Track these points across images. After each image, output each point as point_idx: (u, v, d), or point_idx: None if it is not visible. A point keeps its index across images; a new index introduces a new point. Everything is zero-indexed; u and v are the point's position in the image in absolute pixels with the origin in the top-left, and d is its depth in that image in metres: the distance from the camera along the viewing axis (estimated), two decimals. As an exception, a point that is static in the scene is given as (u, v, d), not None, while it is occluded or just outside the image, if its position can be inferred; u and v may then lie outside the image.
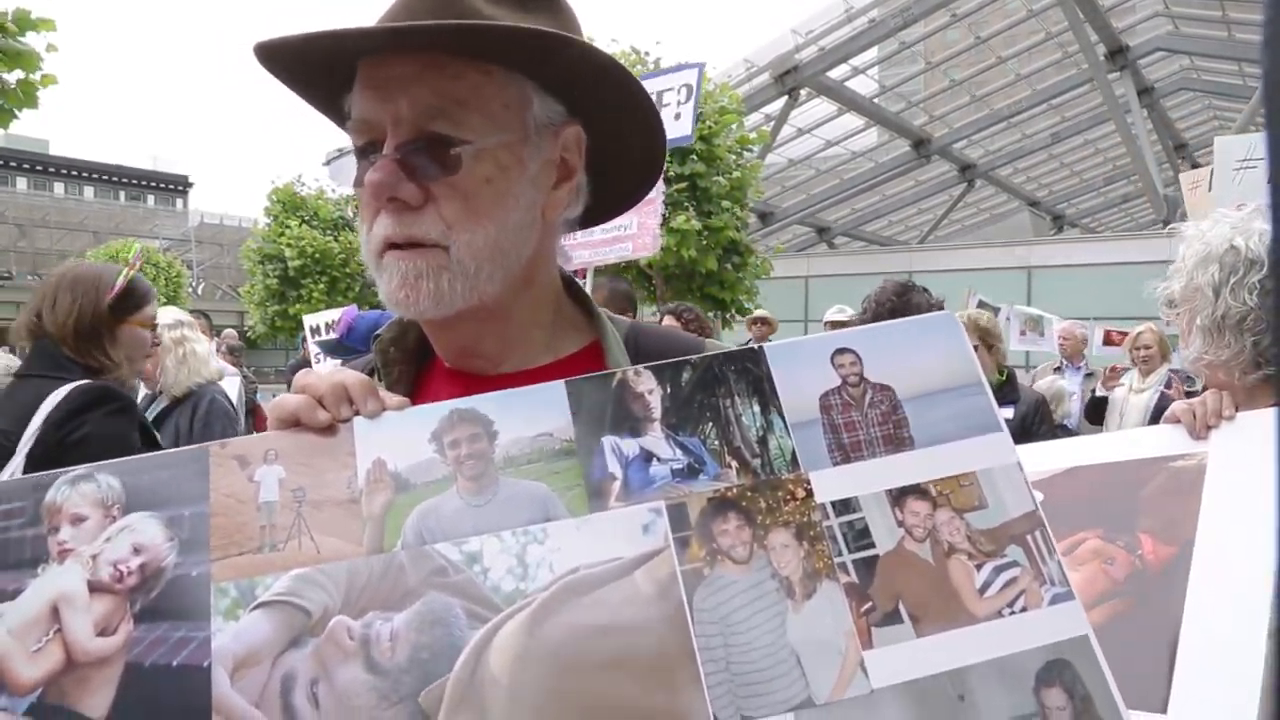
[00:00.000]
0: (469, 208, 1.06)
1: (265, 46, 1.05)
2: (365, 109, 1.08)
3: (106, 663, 0.86)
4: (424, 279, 1.06)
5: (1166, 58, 25.81)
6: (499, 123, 1.08)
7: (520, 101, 1.10)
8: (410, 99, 1.05)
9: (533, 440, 0.95)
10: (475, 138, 1.06)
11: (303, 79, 1.14)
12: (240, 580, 0.89)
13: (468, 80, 1.06)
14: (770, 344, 1.02)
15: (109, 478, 0.93)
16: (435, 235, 1.06)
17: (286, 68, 1.11)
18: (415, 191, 1.06)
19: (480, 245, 1.07)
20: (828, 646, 0.88)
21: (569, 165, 1.17)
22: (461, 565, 0.89)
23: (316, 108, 1.19)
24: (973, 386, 1.00)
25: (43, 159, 54.99)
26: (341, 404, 0.98)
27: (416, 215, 1.06)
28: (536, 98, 1.11)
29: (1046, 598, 0.92)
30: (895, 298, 3.81)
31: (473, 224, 1.06)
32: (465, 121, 1.06)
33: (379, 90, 1.06)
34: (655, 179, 1.29)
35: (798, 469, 0.95)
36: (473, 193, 1.06)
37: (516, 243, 1.11)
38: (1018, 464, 0.98)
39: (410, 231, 1.06)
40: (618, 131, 1.19)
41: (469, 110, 1.06)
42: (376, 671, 0.85)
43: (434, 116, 1.05)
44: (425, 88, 1.04)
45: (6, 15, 8.32)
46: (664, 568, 0.89)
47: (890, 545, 0.93)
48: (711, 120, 15.91)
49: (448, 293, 1.06)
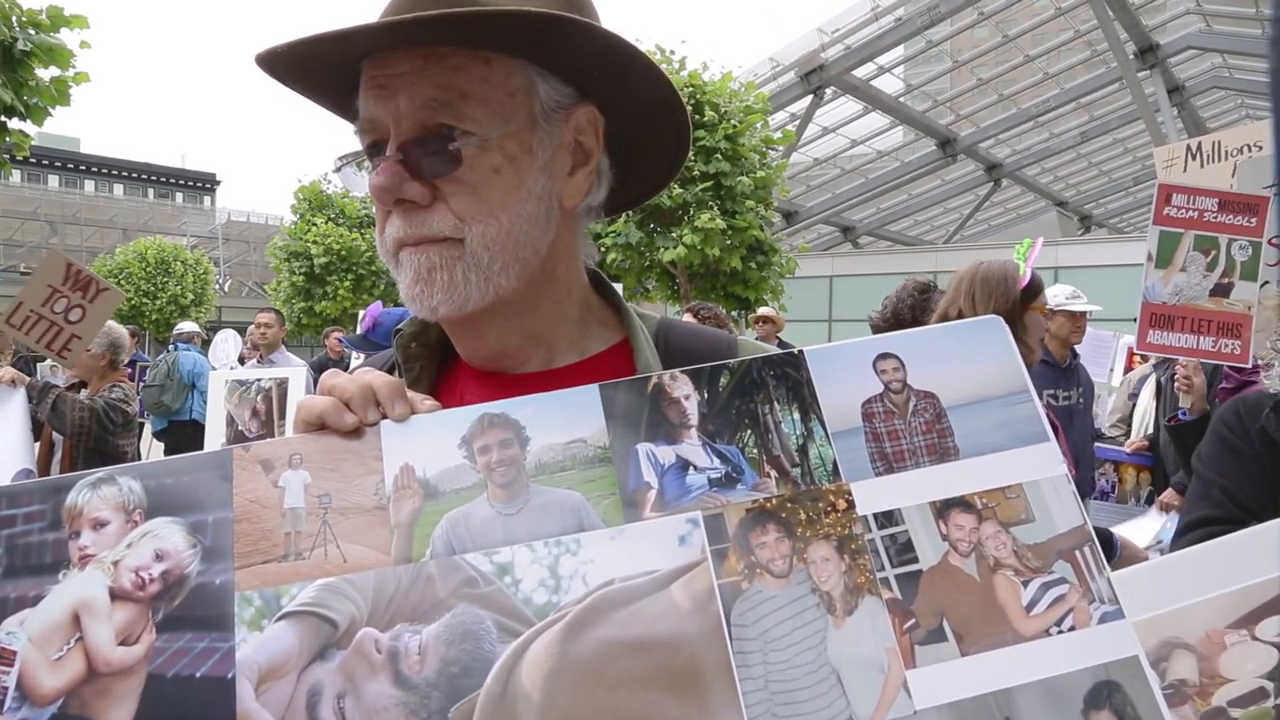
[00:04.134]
0: (479, 200, 1.04)
1: (264, 57, 1.03)
2: (369, 109, 1.06)
3: (128, 673, 0.83)
4: (438, 270, 1.04)
5: (1198, 56, 25.53)
6: (503, 112, 1.05)
7: (525, 88, 1.07)
8: (410, 94, 1.02)
9: (566, 446, 0.92)
10: (479, 129, 1.03)
11: (310, 84, 1.11)
12: (265, 589, 0.86)
13: (470, 71, 1.03)
14: (811, 348, 0.98)
15: (130, 481, 0.90)
16: (448, 229, 1.04)
17: (291, 75, 1.08)
18: (422, 190, 1.03)
19: (495, 236, 1.04)
20: (870, 665, 0.85)
21: (585, 149, 1.13)
22: (492, 576, 0.86)
23: (333, 111, 1.16)
24: (1020, 394, 0.96)
25: (74, 157, 55.70)
26: (369, 407, 0.95)
27: (426, 213, 1.04)
28: (541, 82, 1.07)
29: (1095, 616, 0.88)
30: (916, 295, 3.76)
31: (485, 216, 1.04)
32: (468, 113, 1.03)
33: (381, 89, 1.04)
34: (683, 157, 1.25)
35: (839, 479, 0.92)
36: (482, 185, 1.04)
37: (533, 234, 1.08)
38: (1066, 476, 0.94)
39: (421, 231, 1.04)
40: (634, 111, 1.15)
41: (471, 102, 1.03)
42: (405, 686, 0.82)
43: (436, 110, 1.02)
44: (426, 81, 1.02)
45: (40, 12, 8.43)
46: (701, 581, 0.86)
47: (934, 560, 0.89)
48: (737, 119, 15.88)
49: (462, 285, 1.04)
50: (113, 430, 5.57)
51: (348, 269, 24.39)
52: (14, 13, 8.28)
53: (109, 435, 5.55)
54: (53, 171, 53.66)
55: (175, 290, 30.69)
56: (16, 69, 8.35)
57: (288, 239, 25.13)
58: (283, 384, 6.49)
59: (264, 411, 6.41)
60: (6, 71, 8.30)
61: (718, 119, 15.51)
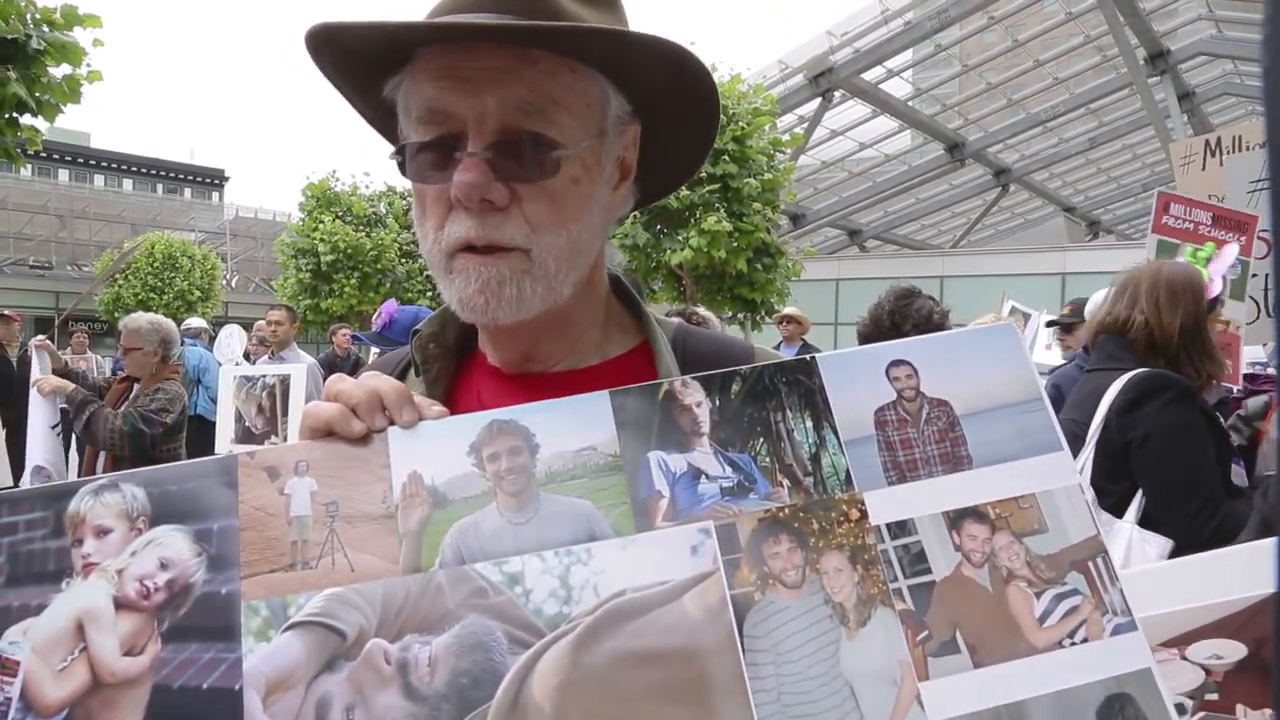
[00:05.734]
0: (555, 210, 1.03)
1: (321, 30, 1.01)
2: (441, 100, 1.02)
3: (134, 684, 0.82)
4: (507, 284, 1.02)
5: (1209, 62, 25.46)
6: (585, 123, 1.05)
7: (601, 100, 1.07)
8: (501, 94, 1.00)
9: (576, 454, 0.91)
10: (566, 139, 1.02)
11: (344, 64, 1.08)
12: (271, 599, 0.85)
13: (560, 78, 1.02)
14: (823, 355, 0.97)
15: (134, 488, 0.89)
16: (519, 239, 1.02)
17: (333, 51, 1.05)
18: (504, 193, 1.01)
19: (561, 247, 1.04)
20: (883, 677, 0.83)
21: (627, 164, 1.14)
22: (502, 586, 0.85)
23: (344, 93, 1.13)
24: (1033, 402, 0.95)
25: (84, 151, 55.76)
26: (376, 413, 0.94)
27: (502, 217, 1.02)
28: (614, 95, 1.08)
29: (1108, 628, 0.87)
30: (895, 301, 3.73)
31: (557, 227, 1.03)
32: (557, 120, 1.02)
33: (464, 82, 1.00)
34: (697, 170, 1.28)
35: (852, 489, 0.90)
36: (560, 195, 1.03)
37: (592, 244, 1.09)
38: (1079, 486, 0.93)
39: (494, 235, 1.02)
40: (674, 127, 1.16)
41: (561, 109, 1.02)
42: (414, 698, 0.81)
43: (528, 114, 1.00)
44: (520, 83, 1.00)
45: (54, 11, 8.49)
46: (713, 592, 0.85)
47: (947, 570, 0.88)
48: (744, 121, 15.87)
49: (529, 297, 1.03)
50: (151, 442, 5.35)
51: (354, 267, 24.45)
52: (28, 10, 8.34)
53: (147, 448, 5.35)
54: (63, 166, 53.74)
55: (182, 285, 30.80)
56: (29, 66, 8.41)
57: (295, 236, 25.20)
58: (285, 380, 6.52)
59: (268, 408, 6.45)
60: (20, 68, 8.35)
61: (726, 121, 15.51)
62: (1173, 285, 3.01)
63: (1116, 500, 2.77)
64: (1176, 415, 2.74)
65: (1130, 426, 2.76)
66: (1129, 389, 2.82)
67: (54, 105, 8.77)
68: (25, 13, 8.31)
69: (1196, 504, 2.67)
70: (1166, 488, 2.72)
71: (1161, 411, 2.75)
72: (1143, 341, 2.97)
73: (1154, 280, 3.04)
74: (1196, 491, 2.68)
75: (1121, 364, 2.95)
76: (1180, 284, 3.02)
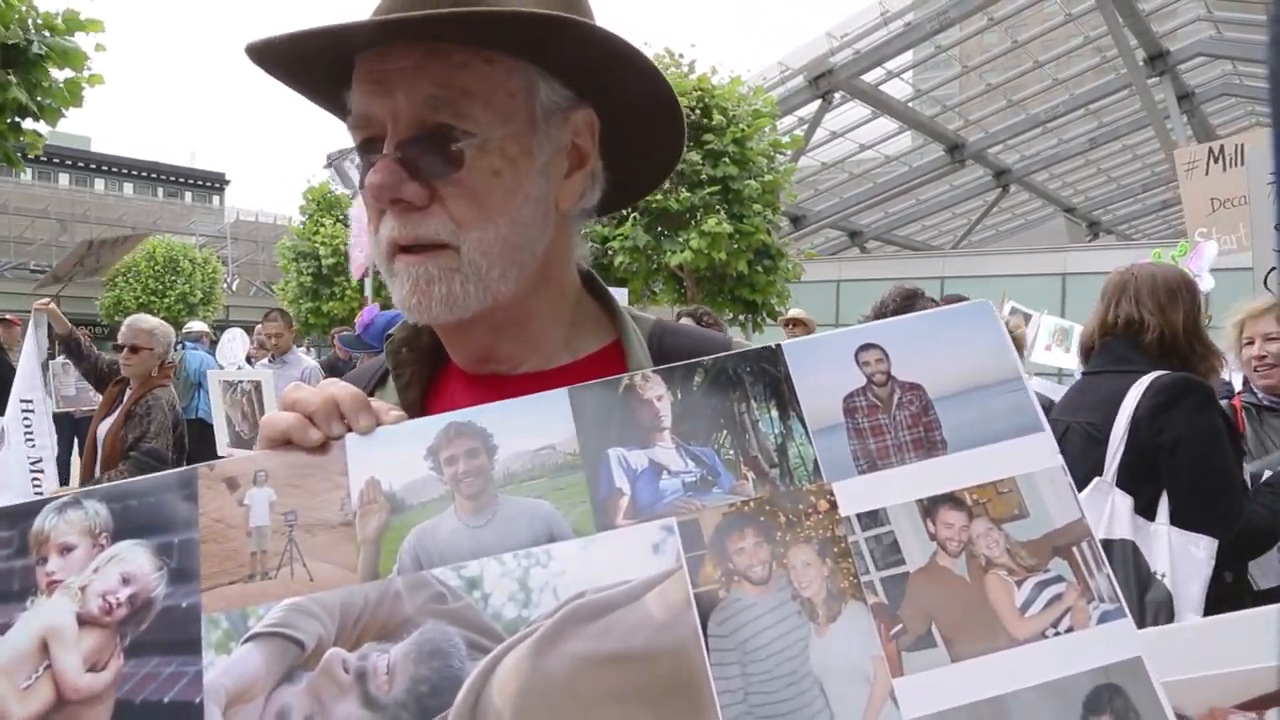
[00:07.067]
0: (478, 204, 1.02)
1: (255, 48, 1.00)
2: (364, 104, 1.03)
3: (97, 699, 0.82)
4: (435, 283, 1.02)
5: (1208, 63, 25.44)
6: (504, 113, 1.03)
7: (526, 88, 1.05)
8: (409, 91, 1.00)
9: (534, 454, 0.89)
10: (480, 130, 1.01)
11: (301, 79, 1.09)
12: (231, 611, 0.84)
13: (472, 69, 1.01)
14: (789, 342, 0.94)
15: (96, 504, 0.88)
16: (444, 235, 1.01)
17: (283, 69, 1.06)
18: (419, 191, 1.01)
19: (491, 242, 1.02)
20: (855, 674, 0.81)
21: (581, 151, 1.12)
22: (461, 591, 0.84)
23: (323, 107, 1.14)
24: (1011, 382, 0.92)
25: (84, 155, 55.77)
26: (333, 420, 0.93)
27: (423, 215, 1.02)
28: (543, 83, 1.06)
29: (1095, 616, 0.84)
30: (899, 301, 3.74)
31: (483, 221, 1.02)
32: (469, 113, 1.00)
33: (378, 84, 1.01)
34: (675, 160, 1.24)
35: (820, 479, 0.88)
36: (481, 188, 1.02)
37: (530, 238, 1.06)
38: (1062, 467, 0.89)
39: (417, 232, 1.02)
40: (631, 114, 1.13)
41: (473, 101, 1.01)
42: (374, 707, 0.80)
43: (436, 108, 1.00)
44: (426, 78, 0.99)
45: (56, 16, 8.52)
46: (676, 590, 0.83)
47: (922, 561, 0.85)
48: (745, 123, 15.87)
49: (460, 295, 1.02)
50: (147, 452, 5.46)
51: (354, 270, 24.43)
52: (30, 16, 8.37)
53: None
54: (63, 170, 53.77)
55: (184, 289, 30.86)
56: (31, 70, 8.44)
57: (296, 239, 25.24)
58: (257, 385, 6.54)
59: (251, 413, 6.48)
60: (21, 73, 8.38)
61: (726, 123, 15.52)
62: (1169, 284, 3.04)
63: (1147, 502, 2.79)
64: (1205, 419, 2.77)
65: (1160, 430, 2.78)
66: (1157, 392, 2.82)
67: (55, 109, 8.80)
68: (27, 18, 8.35)
69: (1224, 505, 2.72)
70: (1197, 490, 2.75)
71: (1191, 416, 2.77)
72: (1155, 343, 2.99)
73: (1152, 282, 3.06)
74: (1225, 493, 2.73)
75: (1135, 366, 2.96)
76: (1175, 283, 3.05)
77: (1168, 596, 2.64)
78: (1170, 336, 2.97)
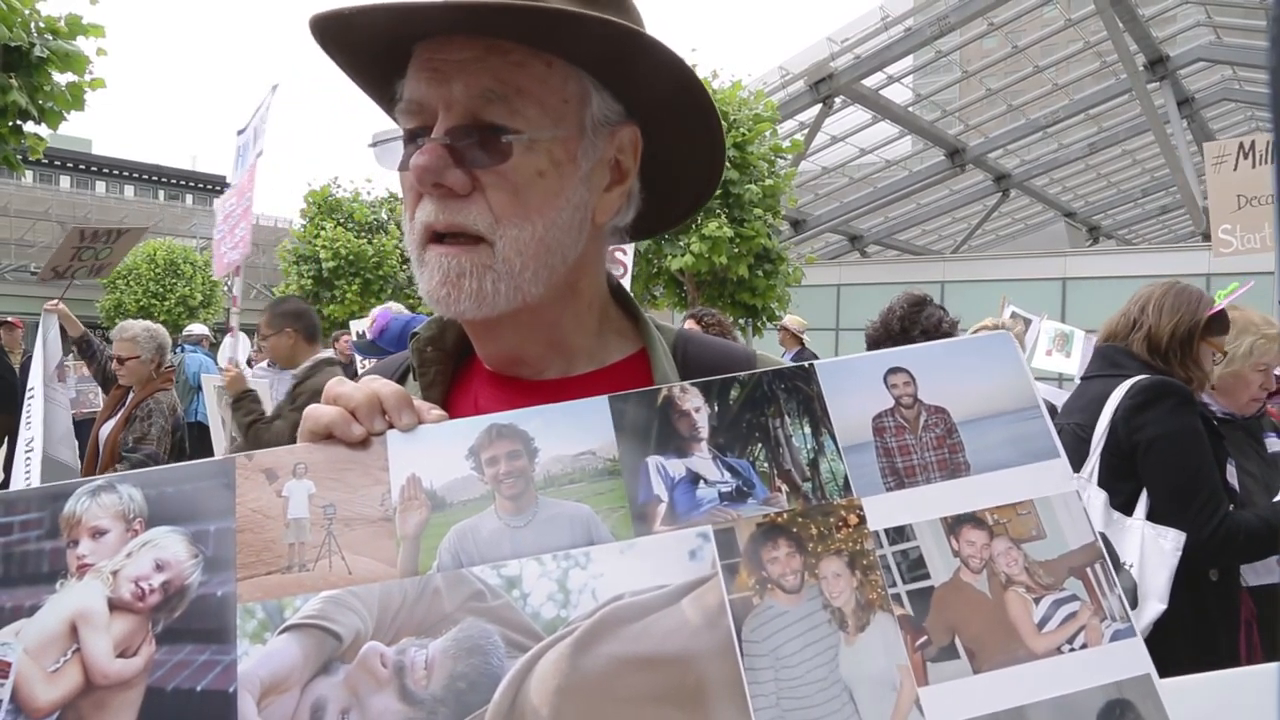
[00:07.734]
0: (518, 200, 1.02)
1: (319, 20, 1.01)
2: (418, 91, 1.03)
3: (127, 685, 0.81)
4: (467, 277, 1.02)
5: (1208, 68, 25.49)
6: (556, 116, 1.04)
7: (580, 96, 1.06)
8: (466, 82, 1.00)
9: (575, 459, 0.90)
10: (530, 129, 1.02)
11: (355, 59, 1.09)
12: (267, 601, 0.84)
13: (530, 70, 1.02)
14: (821, 362, 0.97)
15: (130, 489, 0.88)
16: (481, 227, 1.02)
17: (340, 46, 1.07)
18: (463, 179, 1.01)
19: (527, 241, 1.03)
20: (882, 682, 0.84)
21: (622, 168, 1.13)
22: (500, 590, 0.85)
23: (367, 92, 1.15)
24: (1030, 410, 0.96)
25: (85, 158, 55.84)
26: (375, 416, 0.93)
27: (463, 203, 1.02)
28: (596, 94, 1.07)
29: (1107, 634, 0.88)
30: (907, 308, 3.76)
31: (521, 218, 1.02)
32: (522, 111, 1.01)
33: (436, 72, 1.02)
34: (712, 189, 1.25)
35: (850, 494, 0.91)
36: (523, 185, 1.02)
37: (564, 243, 1.07)
38: (1076, 493, 0.94)
39: (455, 219, 1.02)
40: (676, 138, 1.14)
41: (528, 100, 1.02)
42: (411, 701, 0.81)
43: (490, 102, 1.01)
44: (485, 72, 1.00)
45: (58, 20, 8.54)
46: (712, 596, 0.85)
47: (946, 576, 0.89)
48: (745, 127, 15.89)
49: (490, 293, 1.03)
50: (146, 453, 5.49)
51: (355, 273, 24.48)
52: (33, 19, 8.39)
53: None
54: (64, 172, 53.79)
55: (184, 291, 30.83)
56: (33, 74, 8.46)
57: (297, 242, 25.22)
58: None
59: None
60: (23, 76, 8.40)
61: (727, 127, 15.53)
62: (1179, 295, 3.15)
63: (1126, 499, 2.92)
64: (1179, 420, 2.88)
65: (1137, 430, 2.91)
66: (1135, 394, 2.95)
67: (57, 113, 8.81)
68: (30, 22, 8.36)
69: (1198, 504, 2.82)
70: (1171, 488, 2.87)
71: (1165, 417, 2.89)
72: (1142, 343, 3.11)
73: (1165, 291, 3.18)
74: (1198, 492, 2.83)
75: (1123, 370, 3.09)
76: (1186, 296, 3.15)
77: (1132, 584, 2.78)
78: (1155, 339, 3.09)
